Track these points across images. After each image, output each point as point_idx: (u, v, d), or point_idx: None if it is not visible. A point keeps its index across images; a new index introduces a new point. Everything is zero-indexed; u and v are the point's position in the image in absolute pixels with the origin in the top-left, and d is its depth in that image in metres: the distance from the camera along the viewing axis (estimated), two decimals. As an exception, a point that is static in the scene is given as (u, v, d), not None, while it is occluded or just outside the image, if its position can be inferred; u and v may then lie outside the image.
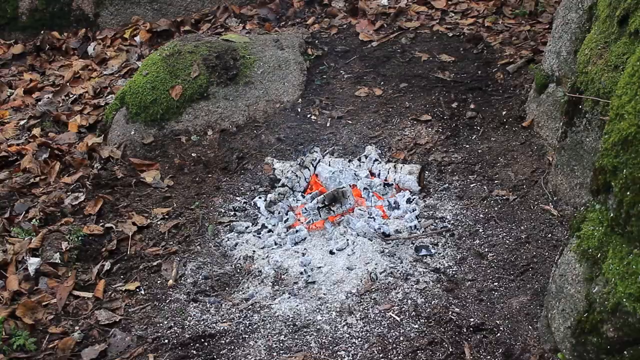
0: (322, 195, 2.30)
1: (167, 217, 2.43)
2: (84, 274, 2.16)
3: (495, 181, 2.46)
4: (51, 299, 2.05)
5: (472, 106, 2.93)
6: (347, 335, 1.80)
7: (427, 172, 2.57)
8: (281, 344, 1.79)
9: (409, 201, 2.39)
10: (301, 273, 2.06)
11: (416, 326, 1.80)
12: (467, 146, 2.71)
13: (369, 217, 2.27)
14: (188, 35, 3.48)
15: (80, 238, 2.25)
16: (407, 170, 2.47)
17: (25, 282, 2.11)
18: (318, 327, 1.84)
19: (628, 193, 1.30)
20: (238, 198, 2.57)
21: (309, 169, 2.52)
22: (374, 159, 2.58)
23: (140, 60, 3.68)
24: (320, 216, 2.29)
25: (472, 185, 2.47)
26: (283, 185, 2.48)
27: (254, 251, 2.22)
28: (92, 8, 4.04)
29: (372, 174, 2.55)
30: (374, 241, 2.18)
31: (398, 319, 1.83)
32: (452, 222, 2.27)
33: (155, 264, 2.18)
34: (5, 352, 1.84)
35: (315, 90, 3.15)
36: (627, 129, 1.31)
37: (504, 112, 2.85)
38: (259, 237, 2.31)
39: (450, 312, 1.83)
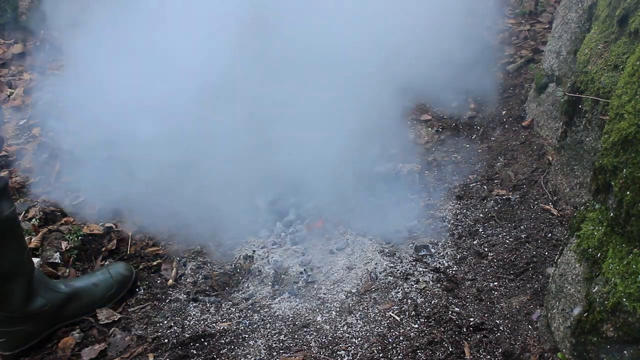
0: (322, 195, 2.30)
1: (167, 216, 2.43)
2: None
3: (495, 181, 2.46)
4: (51, 299, 2.04)
5: (472, 106, 2.93)
6: (347, 335, 1.80)
7: (427, 172, 2.57)
8: (281, 344, 1.79)
9: (409, 201, 2.39)
10: (301, 273, 2.06)
11: (416, 326, 1.80)
12: (467, 146, 2.71)
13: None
14: (188, 35, 3.47)
15: (80, 238, 2.25)
16: (407, 170, 2.47)
17: (25, 281, 2.10)
18: (318, 326, 1.84)
19: (628, 193, 1.30)
20: (238, 198, 2.57)
21: (308, 169, 2.52)
22: (374, 159, 2.58)
23: (140, 60, 3.68)
24: (320, 216, 2.29)
25: (472, 185, 2.47)
26: (283, 185, 2.48)
27: (254, 251, 2.22)
28: (92, 8, 4.04)
29: (372, 174, 2.55)
30: (374, 241, 2.18)
31: (398, 318, 1.83)
32: (452, 221, 2.27)
33: (155, 263, 2.18)
34: (5, 351, 1.84)
35: (315, 90, 3.14)
36: (627, 129, 1.31)
37: (503, 112, 2.85)
38: (259, 237, 2.31)
39: (450, 312, 1.83)
